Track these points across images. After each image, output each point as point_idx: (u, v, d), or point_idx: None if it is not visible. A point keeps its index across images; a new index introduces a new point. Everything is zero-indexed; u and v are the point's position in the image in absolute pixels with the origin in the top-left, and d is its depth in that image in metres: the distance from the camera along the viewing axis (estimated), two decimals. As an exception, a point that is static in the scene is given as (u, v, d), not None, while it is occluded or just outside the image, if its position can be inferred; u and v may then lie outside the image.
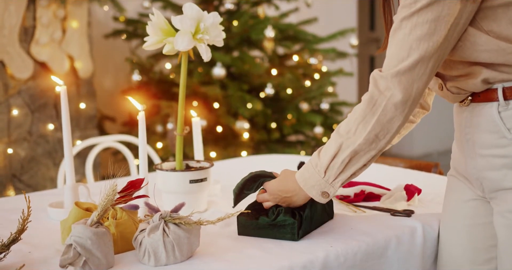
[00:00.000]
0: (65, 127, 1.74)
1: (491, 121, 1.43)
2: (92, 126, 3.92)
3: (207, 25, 1.68)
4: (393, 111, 1.40)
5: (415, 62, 1.37)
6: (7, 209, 1.83)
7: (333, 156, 1.44)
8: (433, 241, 1.63)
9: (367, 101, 1.42)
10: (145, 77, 4.04)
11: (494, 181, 1.45)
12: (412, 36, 1.37)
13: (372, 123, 1.41)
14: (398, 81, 1.38)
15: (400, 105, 1.39)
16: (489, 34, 1.38)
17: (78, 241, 1.31)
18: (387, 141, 1.43)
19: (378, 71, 1.43)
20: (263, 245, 1.49)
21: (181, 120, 1.76)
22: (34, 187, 3.63)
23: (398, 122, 1.41)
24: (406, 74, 1.38)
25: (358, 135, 1.42)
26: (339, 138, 1.45)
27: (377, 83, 1.41)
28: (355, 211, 1.76)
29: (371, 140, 1.42)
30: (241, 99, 3.79)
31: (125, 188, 1.43)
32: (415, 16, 1.36)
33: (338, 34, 4.11)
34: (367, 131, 1.41)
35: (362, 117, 1.42)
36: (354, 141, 1.42)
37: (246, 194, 1.64)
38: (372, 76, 1.43)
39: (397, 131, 1.42)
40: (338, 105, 4.24)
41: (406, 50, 1.37)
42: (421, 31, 1.36)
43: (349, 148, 1.43)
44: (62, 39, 3.69)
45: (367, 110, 1.41)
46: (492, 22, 1.39)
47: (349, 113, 1.47)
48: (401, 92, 1.38)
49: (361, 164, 1.45)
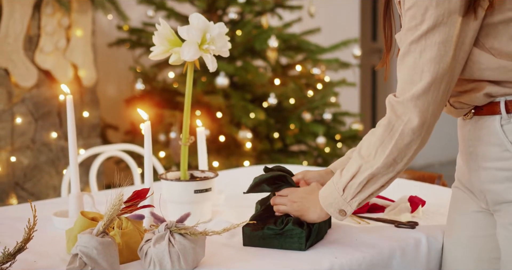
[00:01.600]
0: (70, 136, 1.74)
1: (494, 134, 1.44)
2: (95, 135, 3.92)
3: (213, 36, 1.69)
4: (411, 135, 1.41)
5: (429, 85, 1.38)
6: (11, 217, 1.83)
7: (352, 176, 1.47)
8: (437, 252, 1.64)
9: (385, 126, 1.43)
10: (148, 86, 4.05)
11: (498, 194, 1.46)
12: (422, 59, 1.38)
13: (390, 147, 1.43)
14: (414, 105, 1.40)
15: (417, 130, 1.41)
16: (490, 51, 1.40)
17: (84, 251, 1.31)
18: (404, 164, 1.45)
19: (393, 96, 1.45)
20: (269, 255, 1.49)
21: (186, 130, 1.77)
22: (36, 195, 3.63)
23: (415, 145, 1.43)
24: (421, 98, 1.39)
25: (377, 159, 1.44)
26: (359, 159, 1.47)
27: (394, 108, 1.43)
28: (359, 223, 1.77)
29: (389, 164, 1.44)
30: (244, 108, 3.79)
31: (131, 198, 1.44)
32: (423, 39, 1.38)
33: (341, 45, 4.12)
34: (385, 156, 1.43)
35: (380, 142, 1.44)
36: (373, 165, 1.45)
37: (263, 189, 1.63)
38: (388, 101, 1.45)
39: (414, 154, 1.44)
40: (341, 115, 4.24)
41: (418, 74, 1.39)
42: (431, 54, 1.37)
43: (367, 171, 1.45)
44: (66, 47, 3.70)
45: (385, 135, 1.43)
46: (493, 39, 1.40)
47: (368, 135, 1.49)
48: (417, 116, 1.40)
49: (379, 186, 1.47)
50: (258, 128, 3.89)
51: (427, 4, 1.36)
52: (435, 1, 1.36)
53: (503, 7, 1.39)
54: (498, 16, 1.40)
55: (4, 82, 3.47)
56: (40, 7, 3.53)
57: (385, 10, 1.59)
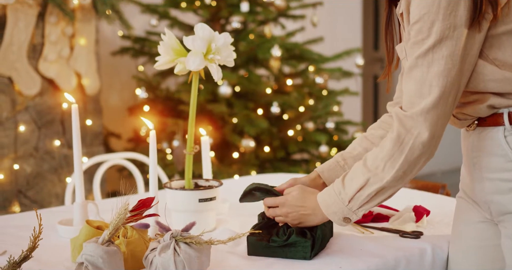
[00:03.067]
0: (75, 145, 1.74)
1: (497, 145, 1.45)
2: (98, 143, 3.93)
3: (218, 46, 1.70)
4: (421, 149, 1.42)
5: (438, 99, 1.39)
6: (15, 225, 1.83)
7: (359, 188, 1.47)
8: (442, 262, 1.63)
9: (394, 140, 1.44)
10: (151, 94, 4.06)
11: (502, 204, 1.46)
12: (430, 73, 1.39)
13: (400, 161, 1.43)
14: (424, 119, 1.40)
15: (427, 143, 1.41)
16: (494, 62, 1.41)
17: (89, 260, 1.32)
18: (413, 175, 1.46)
19: (400, 109, 1.45)
20: (273, 264, 1.49)
21: (191, 139, 1.77)
22: (39, 203, 3.63)
23: (424, 158, 1.44)
24: (431, 112, 1.40)
25: (386, 172, 1.45)
26: (366, 172, 1.47)
27: (403, 122, 1.43)
28: (363, 232, 1.76)
29: (399, 177, 1.45)
30: (247, 117, 3.80)
31: (136, 206, 1.44)
32: (430, 53, 1.38)
33: (344, 54, 4.13)
34: (395, 169, 1.44)
35: (390, 156, 1.44)
36: (382, 178, 1.45)
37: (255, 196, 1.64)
38: (396, 114, 1.45)
39: (422, 166, 1.45)
40: (343, 124, 4.25)
41: (427, 88, 1.39)
42: (438, 68, 1.38)
43: (377, 184, 1.45)
44: (70, 56, 3.71)
45: (395, 149, 1.43)
46: (497, 50, 1.41)
47: (375, 148, 1.49)
48: (427, 130, 1.40)
49: (387, 196, 1.48)
50: (260, 136, 3.89)
51: (433, 18, 1.37)
52: (441, 15, 1.36)
53: (507, 18, 1.40)
54: (502, 27, 1.40)
55: (8, 90, 3.48)
56: (44, 16, 3.54)
57: (387, 23, 1.60)
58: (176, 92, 3.92)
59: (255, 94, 3.92)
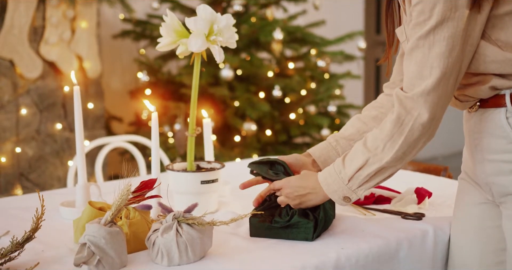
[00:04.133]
0: (77, 127, 1.74)
1: (499, 126, 1.45)
2: (100, 126, 3.93)
3: (220, 27, 1.69)
4: (420, 130, 1.42)
5: (438, 80, 1.39)
6: (18, 207, 1.84)
7: (358, 168, 1.47)
8: (444, 244, 1.64)
9: (394, 121, 1.44)
10: (153, 77, 4.05)
11: (503, 186, 1.47)
12: (431, 54, 1.38)
13: (400, 142, 1.43)
14: (424, 100, 1.40)
15: (427, 124, 1.41)
16: (496, 43, 1.41)
17: (92, 240, 1.32)
18: (412, 156, 1.46)
19: (401, 90, 1.44)
20: (275, 246, 1.50)
21: (193, 121, 1.77)
22: (41, 186, 3.64)
23: (424, 139, 1.44)
24: (432, 93, 1.39)
25: (386, 153, 1.45)
26: (366, 152, 1.47)
27: (403, 103, 1.43)
28: (365, 214, 1.77)
29: (398, 158, 1.45)
30: (248, 100, 3.79)
31: (139, 188, 1.44)
32: (431, 34, 1.38)
33: (346, 37, 4.12)
34: (395, 150, 1.44)
35: (390, 137, 1.44)
36: (382, 158, 1.45)
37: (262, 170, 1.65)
38: (396, 95, 1.45)
39: (422, 147, 1.45)
40: (345, 107, 4.24)
41: (427, 69, 1.39)
42: (440, 49, 1.38)
43: (376, 164, 1.46)
44: (71, 39, 3.70)
45: (395, 130, 1.43)
46: (500, 31, 1.41)
47: (375, 128, 1.49)
48: (427, 111, 1.40)
49: (386, 176, 1.49)
50: (262, 120, 3.89)
51: None
52: None
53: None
54: (504, 7, 1.40)
55: (9, 73, 3.47)
56: (45, -2, 3.53)
57: (387, 5, 1.60)
58: (177, 76, 3.91)
59: (257, 78, 3.91)
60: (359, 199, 1.85)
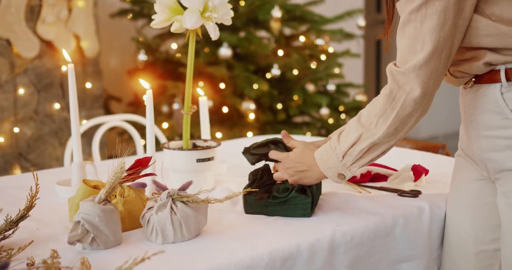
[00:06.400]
0: (72, 105, 1.73)
1: (494, 102, 1.44)
2: (98, 106, 3.92)
3: (215, 4, 1.67)
4: (413, 105, 1.41)
5: (430, 55, 1.37)
6: (14, 186, 1.84)
7: (352, 144, 1.47)
8: (440, 221, 1.64)
9: (386, 96, 1.43)
10: (151, 57, 4.03)
11: (498, 162, 1.46)
12: (423, 28, 1.37)
13: (392, 117, 1.43)
14: (416, 75, 1.39)
15: (419, 99, 1.40)
16: (490, 17, 1.39)
17: (86, 218, 1.32)
18: (405, 132, 1.46)
19: (393, 65, 1.44)
20: (271, 223, 1.50)
21: (189, 99, 1.76)
22: (40, 166, 3.64)
23: (416, 114, 1.43)
24: (423, 68, 1.38)
25: (378, 128, 1.44)
26: (360, 127, 1.46)
27: (396, 78, 1.42)
28: (360, 192, 1.76)
29: (390, 133, 1.44)
30: (247, 79, 3.77)
31: (133, 166, 1.44)
32: (423, 7, 1.36)
33: (346, 15, 4.08)
34: (387, 125, 1.43)
35: (382, 112, 1.43)
36: (374, 134, 1.45)
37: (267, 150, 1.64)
38: (389, 70, 1.44)
39: (415, 123, 1.45)
40: (345, 86, 4.22)
41: (419, 43, 1.38)
42: (432, 23, 1.36)
43: (369, 140, 1.45)
44: (68, 18, 3.67)
45: (387, 105, 1.43)
46: (493, 5, 1.39)
47: (369, 104, 1.48)
48: (419, 86, 1.39)
49: (379, 153, 1.48)
50: (261, 99, 3.87)
51: None
52: None
53: None
54: None
55: (6, 53, 3.45)
56: (41, -23, 3.50)
57: None
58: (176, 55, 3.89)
59: (255, 56, 3.89)
60: (356, 177, 1.85)
